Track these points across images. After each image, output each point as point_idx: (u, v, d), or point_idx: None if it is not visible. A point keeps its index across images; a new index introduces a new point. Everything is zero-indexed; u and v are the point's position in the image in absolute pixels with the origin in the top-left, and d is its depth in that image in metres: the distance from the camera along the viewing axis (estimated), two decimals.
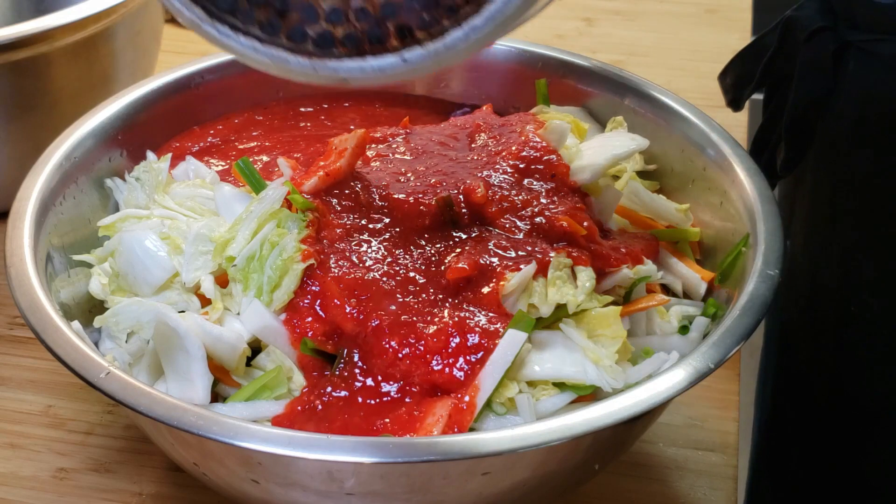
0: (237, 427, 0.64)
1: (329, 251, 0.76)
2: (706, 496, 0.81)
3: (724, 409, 0.87)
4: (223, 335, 0.74)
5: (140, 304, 0.77)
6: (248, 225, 0.77)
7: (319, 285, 0.74)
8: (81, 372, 0.68)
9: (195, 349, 0.72)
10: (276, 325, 0.74)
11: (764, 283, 0.74)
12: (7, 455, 0.84)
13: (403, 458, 0.63)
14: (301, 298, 0.74)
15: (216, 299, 0.76)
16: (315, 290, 0.74)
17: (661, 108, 0.91)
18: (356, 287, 0.74)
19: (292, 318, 0.74)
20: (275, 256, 0.75)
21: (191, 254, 0.78)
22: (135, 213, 0.84)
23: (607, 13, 1.41)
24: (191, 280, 0.77)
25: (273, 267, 0.75)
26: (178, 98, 0.93)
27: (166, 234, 0.80)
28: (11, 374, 0.91)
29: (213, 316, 0.75)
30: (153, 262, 0.78)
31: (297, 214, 0.77)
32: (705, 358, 0.69)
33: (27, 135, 0.99)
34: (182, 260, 0.78)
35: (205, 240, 0.78)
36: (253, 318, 0.74)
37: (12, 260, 0.76)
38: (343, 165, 0.80)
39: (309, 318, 0.74)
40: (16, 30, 0.95)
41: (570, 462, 0.70)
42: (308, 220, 0.76)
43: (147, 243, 0.79)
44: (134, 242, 0.79)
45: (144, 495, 0.80)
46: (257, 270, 0.75)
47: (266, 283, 0.75)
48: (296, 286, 0.74)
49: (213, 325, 0.74)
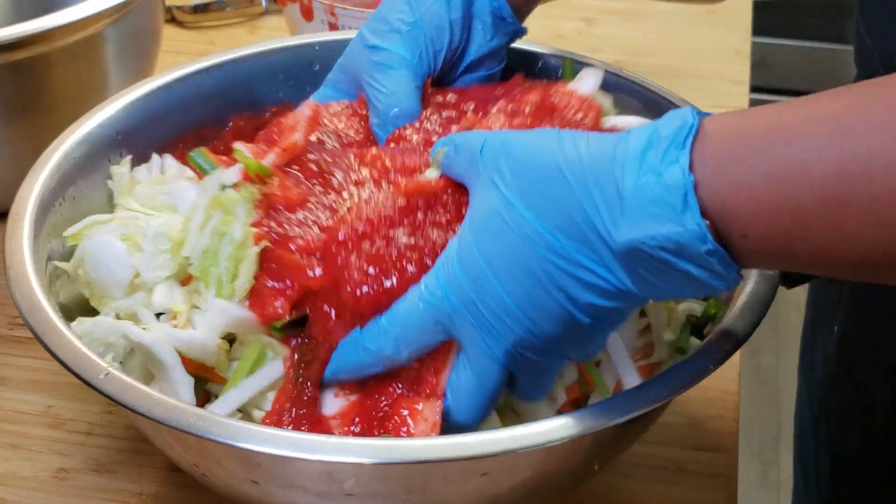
0: (237, 428, 0.64)
1: (288, 222, 0.75)
2: (706, 496, 0.81)
3: (724, 409, 0.87)
4: (193, 338, 0.73)
5: (104, 324, 0.75)
6: (197, 219, 0.76)
7: (276, 262, 0.73)
8: (81, 373, 0.68)
9: (168, 357, 0.72)
10: (244, 315, 0.73)
11: (764, 283, 0.74)
12: (7, 455, 0.84)
13: (403, 459, 0.63)
14: (263, 279, 0.73)
15: (177, 303, 0.75)
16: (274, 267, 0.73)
17: (661, 108, 0.90)
18: (317, 247, 0.73)
19: (258, 301, 0.73)
20: (226, 246, 0.74)
21: (150, 252, 0.77)
22: (98, 220, 0.82)
23: (607, 13, 1.41)
24: (152, 280, 0.76)
25: (227, 258, 0.74)
26: (178, 98, 0.93)
27: (127, 235, 0.79)
28: (11, 374, 0.91)
29: (181, 320, 0.74)
30: (117, 264, 0.77)
31: (243, 195, 0.76)
32: (705, 358, 0.69)
33: (27, 135, 0.99)
34: (142, 259, 0.77)
35: (164, 238, 0.77)
36: (218, 317, 0.73)
37: (12, 260, 0.75)
38: (299, 140, 0.80)
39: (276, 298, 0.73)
40: (16, 30, 0.94)
41: (570, 462, 0.70)
42: (254, 199, 0.75)
43: (107, 246, 0.78)
44: (95, 247, 0.78)
45: (145, 495, 0.80)
46: (213, 264, 0.74)
47: (224, 274, 0.74)
48: (254, 271, 0.73)
49: (180, 331, 0.73)
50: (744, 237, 0.59)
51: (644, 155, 0.60)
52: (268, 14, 1.40)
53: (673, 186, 0.59)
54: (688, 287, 0.62)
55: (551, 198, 0.63)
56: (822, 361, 1.02)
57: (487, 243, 0.65)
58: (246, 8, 1.39)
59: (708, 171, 0.59)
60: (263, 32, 1.38)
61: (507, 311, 0.65)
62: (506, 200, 0.64)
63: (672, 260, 0.60)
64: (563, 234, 0.62)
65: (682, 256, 0.59)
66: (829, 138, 0.55)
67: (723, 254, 0.59)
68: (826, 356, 1.01)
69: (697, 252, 0.59)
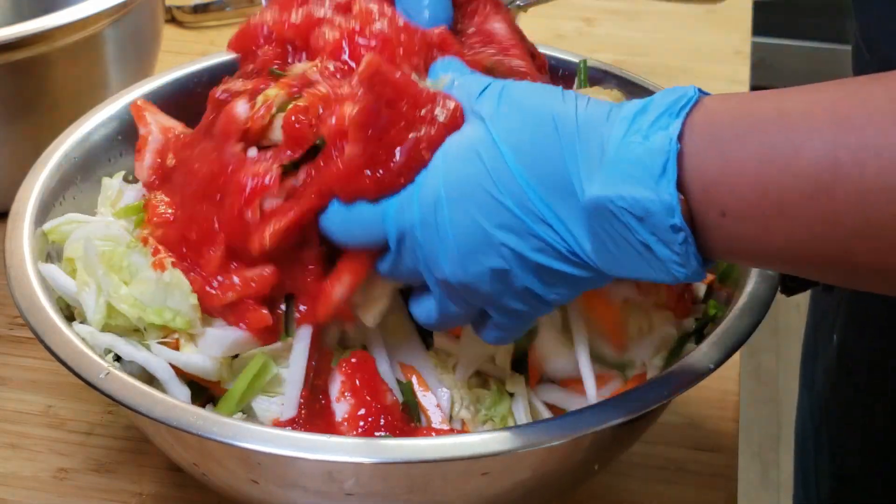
0: (237, 427, 0.64)
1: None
2: (706, 496, 0.81)
3: (724, 409, 0.87)
4: (191, 360, 0.72)
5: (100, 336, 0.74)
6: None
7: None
8: (81, 372, 0.68)
9: (163, 373, 0.72)
10: (237, 336, 0.72)
11: (764, 283, 0.74)
12: (7, 455, 0.84)
13: (403, 459, 0.63)
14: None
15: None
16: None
17: None
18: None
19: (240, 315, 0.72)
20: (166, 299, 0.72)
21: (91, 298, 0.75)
22: (75, 218, 0.81)
23: (607, 13, 1.41)
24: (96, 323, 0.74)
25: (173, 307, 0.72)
26: (179, 98, 0.93)
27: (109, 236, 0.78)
28: (11, 374, 0.91)
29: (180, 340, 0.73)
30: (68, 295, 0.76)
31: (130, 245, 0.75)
32: (705, 358, 0.69)
33: (27, 135, 0.99)
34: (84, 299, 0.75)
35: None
36: (212, 345, 0.72)
37: (12, 260, 0.75)
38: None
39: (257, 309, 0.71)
40: (16, 30, 0.94)
41: (570, 462, 0.70)
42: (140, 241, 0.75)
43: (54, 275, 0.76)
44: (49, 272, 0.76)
45: (145, 495, 0.80)
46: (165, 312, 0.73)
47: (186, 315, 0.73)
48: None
49: (178, 354, 0.72)
50: (722, 215, 0.58)
51: (636, 118, 0.59)
52: None
53: (656, 151, 0.58)
54: (644, 265, 0.60)
55: (534, 143, 0.62)
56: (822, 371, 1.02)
57: (454, 170, 0.64)
58: (246, 8, 1.39)
59: (698, 143, 0.58)
60: None
61: (445, 244, 0.64)
62: (488, 136, 0.63)
63: (636, 227, 0.59)
64: (535, 180, 0.61)
65: (647, 225, 0.58)
66: (824, 126, 0.55)
67: (688, 233, 0.58)
68: (826, 366, 1.01)
69: (663, 224, 0.58)
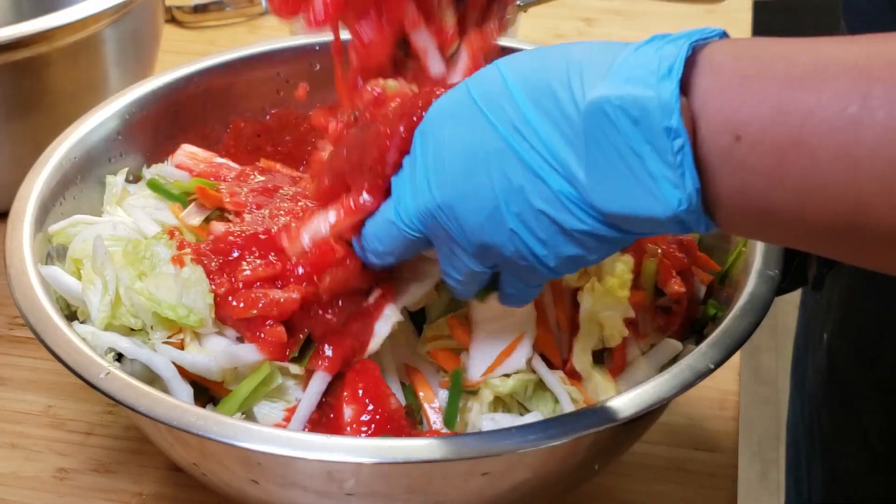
0: (237, 427, 0.64)
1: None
2: (706, 496, 0.81)
3: (723, 409, 0.87)
4: (196, 360, 0.72)
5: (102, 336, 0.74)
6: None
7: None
8: (81, 372, 0.68)
9: (166, 371, 0.72)
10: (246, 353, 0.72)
11: (764, 284, 0.74)
12: (7, 455, 0.84)
13: (404, 459, 0.63)
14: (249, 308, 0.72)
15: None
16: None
17: None
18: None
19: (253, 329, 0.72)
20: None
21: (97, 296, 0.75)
22: (83, 220, 0.82)
23: (607, 13, 1.41)
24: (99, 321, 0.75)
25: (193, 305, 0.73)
26: (178, 98, 0.93)
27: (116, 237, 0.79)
28: (11, 374, 0.91)
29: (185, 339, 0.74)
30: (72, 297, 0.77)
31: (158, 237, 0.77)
32: (705, 358, 0.69)
33: (27, 135, 0.99)
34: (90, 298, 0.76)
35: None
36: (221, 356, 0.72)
37: (12, 260, 0.75)
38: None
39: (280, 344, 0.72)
40: (16, 30, 0.94)
41: (571, 462, 0.70)
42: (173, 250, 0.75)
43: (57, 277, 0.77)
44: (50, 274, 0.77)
45: (145, 495, 0.80)
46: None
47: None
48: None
49: (183, 354, 0.72)
50: (736, 139, 0.53)
51: (654, 38, 0.57)
52: (268, 14, 1.40)
53: (665, 56, 0.55)
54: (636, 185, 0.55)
55: (541, 69, 0.59)
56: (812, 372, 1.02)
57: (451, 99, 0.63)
58: (246, 8, 1.39)
59: (719, 61, 0.54)
60: (263, 32, 1.38)
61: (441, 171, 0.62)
62: (496, 69, 0.62)
63: (629, 132, 0.54)
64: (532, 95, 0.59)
65: (641, 129, 0.54)
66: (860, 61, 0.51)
67: (685, 140, 0.53)
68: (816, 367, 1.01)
69: (657, 126, 0.54)
